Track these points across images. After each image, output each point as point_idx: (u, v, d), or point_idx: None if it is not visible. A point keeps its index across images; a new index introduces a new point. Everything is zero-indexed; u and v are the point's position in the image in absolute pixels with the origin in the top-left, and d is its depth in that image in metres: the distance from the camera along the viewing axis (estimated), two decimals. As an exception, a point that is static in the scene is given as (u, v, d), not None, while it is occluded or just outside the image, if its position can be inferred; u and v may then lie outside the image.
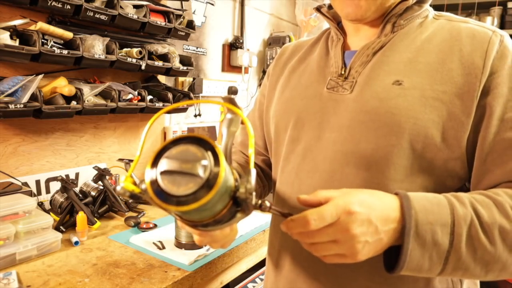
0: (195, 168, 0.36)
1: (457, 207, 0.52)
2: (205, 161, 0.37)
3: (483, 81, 0.58)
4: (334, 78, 0.70)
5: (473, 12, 3.19)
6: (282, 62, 0.84)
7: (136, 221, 1.26)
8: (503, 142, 0.58)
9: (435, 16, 0.68)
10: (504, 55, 0.59)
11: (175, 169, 0.37)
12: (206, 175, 0.36)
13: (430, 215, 0.50)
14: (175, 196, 0.36)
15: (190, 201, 0.36)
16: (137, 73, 1.65)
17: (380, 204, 0.51)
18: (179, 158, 0.37)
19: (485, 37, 0.60)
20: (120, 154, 1.66)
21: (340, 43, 0.72)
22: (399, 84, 0.62)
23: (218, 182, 0.36)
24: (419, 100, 0.60)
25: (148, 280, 0.91)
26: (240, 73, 2.32)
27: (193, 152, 0.38)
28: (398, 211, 0.51)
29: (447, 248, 0.50)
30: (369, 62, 0.66)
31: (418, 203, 0.51)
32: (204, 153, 0.37)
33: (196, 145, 0.38)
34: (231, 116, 0.45)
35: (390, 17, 0.66)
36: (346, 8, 0.64)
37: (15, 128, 1.29)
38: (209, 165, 0.37)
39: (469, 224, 0.51)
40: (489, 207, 0.53)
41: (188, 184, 0.36)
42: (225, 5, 2.20)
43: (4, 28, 1.11)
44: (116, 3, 1.32)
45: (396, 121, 0.60)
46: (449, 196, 0.54)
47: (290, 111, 0.74)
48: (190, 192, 0.36)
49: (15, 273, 0.90)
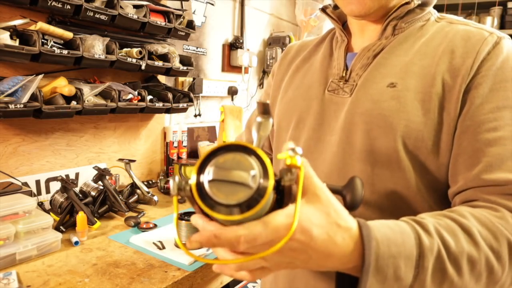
0: (244, 178, 0.37)
1: (423, 236, 0.46)
2: (254, 170, 0.37)
3: (467, 81, 0.57)
4: (335, 80, 0.70)
5: (473, 12, 3.19)
6: (287, 61, 0.84)
7: (136, 221, 1.26)
8: (475, 144, 0.56)
9: (437, 19, 0.67)
10: (494, 56, 0.58)
11: (224, 178, 0.37)
12: (256, 185, 0.37)
13: (393, 246, 0.44)
14: (223, 205, 0.37)
15: (238, 211, 0.37)
16: (137, 73, 1.65)
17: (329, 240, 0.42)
18: (227, 167, 0.38)
19: (480, 39, 0.59)
20: (120, 154, 1.66)
21: (344, 44, 0.72)
22: (393, 87, 0.61)
23: (267, 194, 0.37)
24: (411, 102, 0.59)
25: (148, 280, 0.91)
26: (240, 73, 2.32)
27: (241, 161, 0.38)
28: (358, 242, 0.43)
29: (410, 283, 0.45)
30: (369, 64, 0.66)
31: (380, 232, 0.44)
32: (251, 162, 0.38)
33: (242, 153, 0.39)
34: (260, 120, 0.45)
35: (391, 20, 0.65)
36: (350, 4, 0.64)
37: (15, 128, 1.29)
38: (258, 175, 0.37)
39: (435, 256, 0.46)
40: (456, 234, 0.48)
41: (237, 194, 0.37)
42: (225, 5, 2.20)
43: (4, 28, 1.11)
44: (116, 3, 1.32)
45: (388, 123, 0.60)
46: (412, 224, 0.48)
47: (292, 111, 0.74)
48: (239, 202, 0.37)
49: (15, 273, 0.90)
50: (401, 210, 0.62)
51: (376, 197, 0.62)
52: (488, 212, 0.51)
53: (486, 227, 0.49)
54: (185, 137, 1.95)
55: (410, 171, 0.60)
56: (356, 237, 0.43)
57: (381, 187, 0.62)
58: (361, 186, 0.51)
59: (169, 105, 1.60)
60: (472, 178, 0.56)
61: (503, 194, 0.53)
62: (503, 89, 0.57)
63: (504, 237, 0.49)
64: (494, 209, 0.52)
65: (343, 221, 0.43)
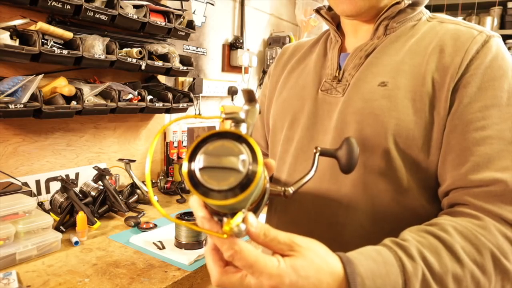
0: (234, 163, 0.38)
1: (406, 263, 0.46)
2: (243, 155, 0.38)
3: (456, 79, 0.58)
4: (328, 80, 0.71)
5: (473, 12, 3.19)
6: (282, 62, 0.85)
7: (136, 221, 1.26)
8: (462, 143, 0.56)
9: (428, 18, 0.68)
10: (483, 55, 0.58)
11: (214, 164, 0.38)
12: (245, 169, 0.38)
13: (378, 279, 0.44)
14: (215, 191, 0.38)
15: (230, 196, 0.37)
16: (137, 73, 1.65)
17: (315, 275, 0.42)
18: (216, 153, 0.39)
19: (469, 37, 0.59)
20: (120, 154, 1.66)
21: (338, 45, 0.72)
22: (384, 86, 0.62)
23: (257, 176, 0.37)
24: (401, 101, 0.60)
25: (148, 280, 0.91)
26: (240, 73, 2.32)
27: (230, 147, 0.39)
28: (343, 282, 0.43)
29: None
30: (361, 64, 0.67)
31: (363, 266, 0.44)
32: (240, 148, 0.39)
33: (230, 140, 0.39)
34: (247, 108, 0.46)
35: (383, 20, 0.66)
36: (342, 4, 0.65)
37: (15, 128, 1.29)
38: (247, 160, 0.38)
39: (420, 280, 0.46)
40: (439, 253, 0.48)
41: (228, 179, 0.37)
42: (225, 5, 2.20)
43: (4, 28, 1.11)
44: (116, 3, 1.32)
45: (379, 122, 0.61)
46: (395, 249, 0.47)
47: (286, 111, 0.75)
48: (231, 187, 0.37)
49: (15, 273, 0.90)
50: (393, 209, 0.62)
51: (368, 197, 0.62)
52: (471, 223, 0.52)
53: (469, 241, 0.50)
54: (185, 137, 1.95)
55: (401, 170, 0.60)
56: (341, 277, 0.43)
57: (373, 187, 0.62)
58: (356, 146, 0.51)
59: (169, 105, 1.60)
60: (459, 178, 0.56)
61: (488, 197, 0.53)
62: (491, 88, 0.57)
63: (487, 250, 0.49)
64: (477, 218, 0.53)
65: (325, 265, 0.43)
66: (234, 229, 0.39)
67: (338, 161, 0.53)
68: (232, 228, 0.39)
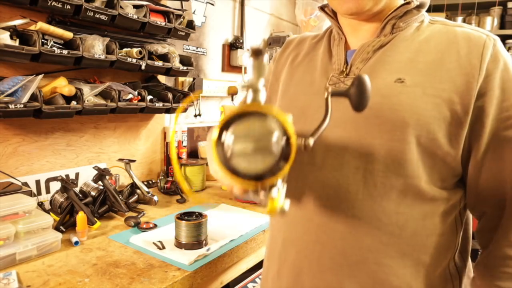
0: (268, 143, 0.38)
1: None
2: (274, 136, 0.38)
3: (479, 82, 0.61)
4: (336, 75, 0.72)
5: (473, 12, 3.19)
6: (286, 54, 0.86)
7: (136, 221, 1.26)
8: (498, 140, 0.63)
9: (430, 21, 0.71)
10: (497, 59, 0.63)
11: (248, 149, 0.38)
12: (280, 148, 0.38)
13: None
14: (253, 175, 0.39)
15: (268, 175, 0.38)
16: (137, 73, 1.65)
17: None
18: (247, 135, 0.38)
19: (480, 41, 0.64)
20: (120, 154, 1.66)
21: (343, 42, 0.74)
22: (401, 82, 0.64)
23: (293, 153, 0.38)
24: (421, 98, 0.62)
25: (148, 280, 0.91)
26: (240, 73, 2.32)
27: (261, 127, 0.39)
28: None
29: None
30: (369, 59, 0.69)
31: None
32: (271, 126, 0.39)
33: (258, 118, 0.39)
34: (255, 62, 0.45)
35: (391, 19, 0.68)
36: (346, 3, 0.66)
37: (15, 128, 1.29)
38: (279, 137, 0.38)
39: None
40: None
41: (265, 160, 0.38)
42: (225, 5, 2.20)
43: (4, 28, 1.11)
44: (116, 3, 1.32)
45: (399, 117, 0.63)
46: None
47: (293, 107, 0.76)
48: (269, 167, 0.38)
49: (15, 273, 0.90)
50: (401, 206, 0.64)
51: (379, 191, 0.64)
52: None
53: None
54: (185, 137, 1.95)
55: (417, 164, 0.63)
56: None
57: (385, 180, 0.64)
58: (369, 84, 0.51)
59: (169, 105, 1.60)
60: (502, 169, 0.63)
61: None
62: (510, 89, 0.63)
63: None
64: None
65: None
66: (278, 208, 0.40)
67: (350, 99, 0.52)
68: (276, 207, 0.40)
